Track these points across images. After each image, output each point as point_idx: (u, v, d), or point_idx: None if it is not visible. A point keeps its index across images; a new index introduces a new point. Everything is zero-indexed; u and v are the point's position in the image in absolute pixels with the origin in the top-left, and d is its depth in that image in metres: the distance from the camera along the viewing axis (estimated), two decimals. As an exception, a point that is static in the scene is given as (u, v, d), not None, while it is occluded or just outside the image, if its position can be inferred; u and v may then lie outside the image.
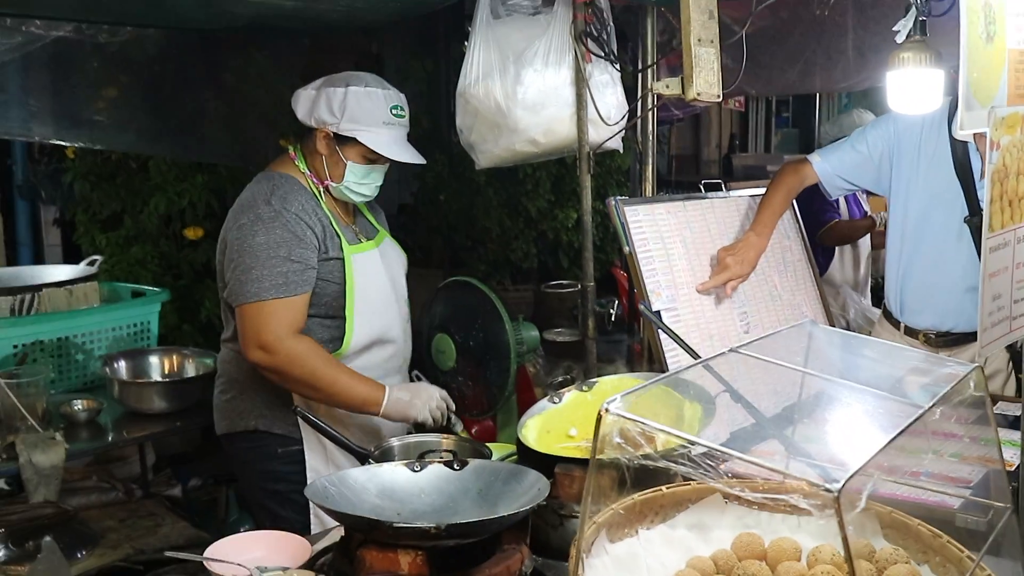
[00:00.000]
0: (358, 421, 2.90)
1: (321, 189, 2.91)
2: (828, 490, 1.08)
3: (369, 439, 2.80)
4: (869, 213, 5.52)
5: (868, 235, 5.56)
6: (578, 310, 5.78)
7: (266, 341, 2.70)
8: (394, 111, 2.88)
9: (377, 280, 2.96)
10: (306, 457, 2.88)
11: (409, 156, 2.93)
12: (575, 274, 6.10)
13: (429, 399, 2.79)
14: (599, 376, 2.77)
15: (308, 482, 2.69)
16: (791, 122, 12.40)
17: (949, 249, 3.30)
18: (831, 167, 3.41)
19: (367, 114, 2.82)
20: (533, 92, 2.97)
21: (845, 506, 1.08)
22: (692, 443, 1.32)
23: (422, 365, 3.25)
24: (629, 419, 1.27)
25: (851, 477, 1.10)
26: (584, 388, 2.52)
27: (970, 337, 3.23)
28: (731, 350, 1.66)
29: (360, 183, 2.90)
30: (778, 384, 1.74)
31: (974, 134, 3.13)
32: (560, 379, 2.98)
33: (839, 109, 10.47)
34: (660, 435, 1.42)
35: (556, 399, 2.49)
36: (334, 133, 2.84)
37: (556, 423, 2.42)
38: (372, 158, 2.86)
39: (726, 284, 3.17)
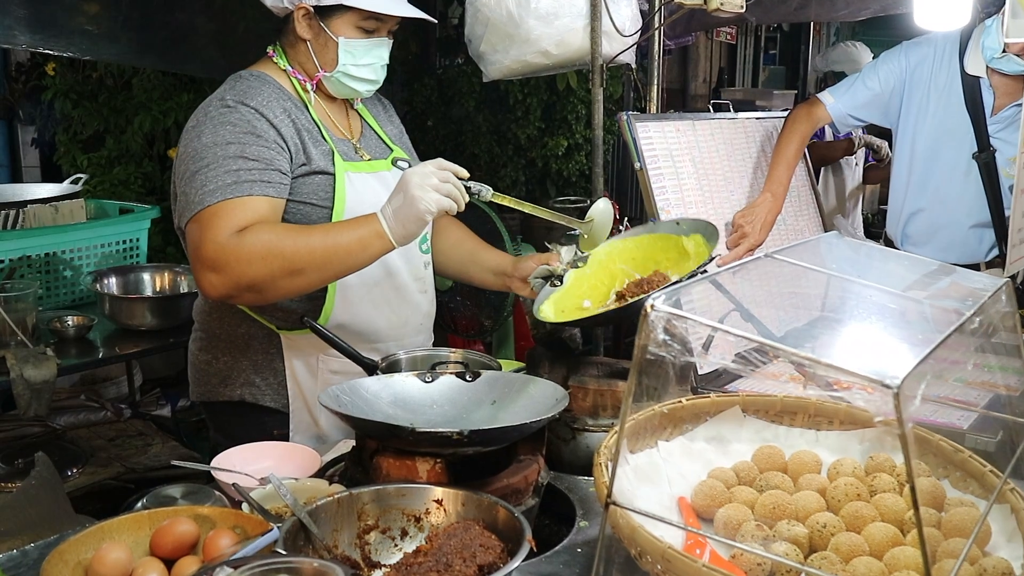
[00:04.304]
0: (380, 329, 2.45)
1: (311, 90, 2.40)
2: (887, 385, 1.05)
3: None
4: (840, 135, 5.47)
5: (860, 169, 5.53)
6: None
7: (207, 253, 2.11)
8: None
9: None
10: (290, 426, 2.47)
11: (415, 11, 2.37)
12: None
13: (423, 180, 2.09)
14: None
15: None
16: (778, 59, 12.34)
17: (956, 185, 3.29)
18: (844, 106, 3.36)
19: None
20: (547, 1, 2.88)
21: (904, 403, 1.04)
22: (748, 339, 1.27)
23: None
24: (677, 315, 1.23)
25: (911, 373, 1.07)
26: (579, 264, 2.43)
27: (970, 268, 3.23)
28: (766, 255, 1.62)
29: (360, 64, 2.35)
30: (811, 290, 1.71)
31: (987, 69, 3.13)
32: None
33: (827, 46, 10.41)
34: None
35: (556, 283, 2.41)
36: (314, 7, 2.29)
37: (566, 302, 2.37)
38: (369, 27, 2.33)
39: (746, 254, 3.07)
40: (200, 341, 2.53)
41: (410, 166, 2.17)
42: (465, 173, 2.15)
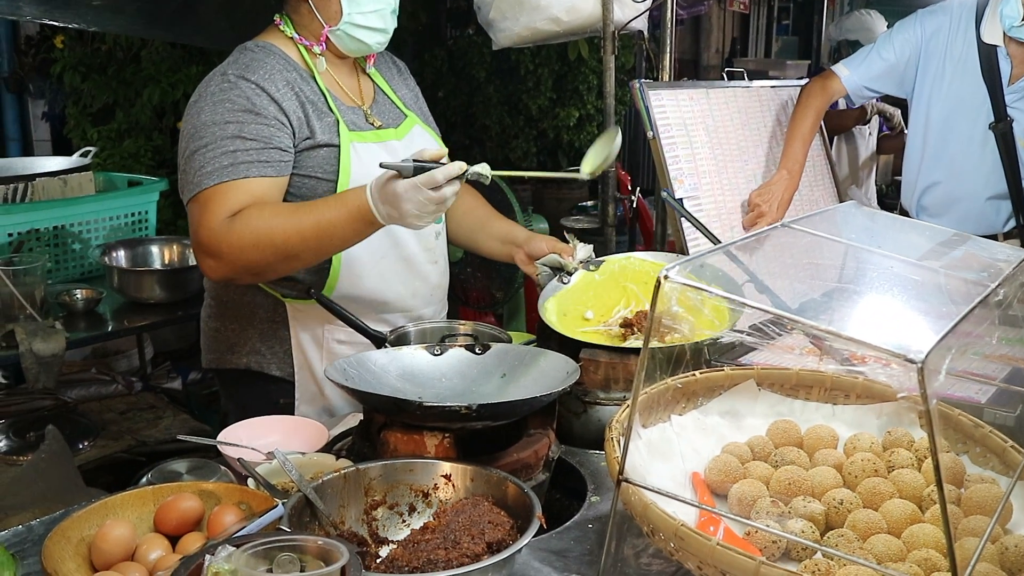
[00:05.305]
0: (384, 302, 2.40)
1: (317, 56, 2.32)
2: (911, 360, 1.01)
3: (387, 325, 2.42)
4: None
5: (874, 139, 5.45)
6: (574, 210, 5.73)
7: (203, 240, 2.10)
8: None
9: None
10: (296, 395, 2.43)
11: None
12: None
13: (421, 209, 1.98)
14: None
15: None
16: (791, 30, 12.22)
17: (973, 156, 3.23)
18: (859, 78, 3.31)
19: None
20: (557, -34, 2.84)
21: (928, 378, 1.00)
22: (764, 311, 1.23)
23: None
24: (691, 287, 1.19)
25: (935, 347, 1.03)
26: (591, 267, 2.41)
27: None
28: (782, 225, 1.58)
29: (365, 12, 2.28)
30: (828, 261, 1.66)
31: (1005, 37, 3.06)
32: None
33: (841, 15, 10.27)
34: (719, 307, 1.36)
35: (565, 279, 2.39)
36: None
37: (570, 306, 2.34)
38: None
39: None
40: (210, 308, 2.53)
41: (401, 174, 1.99)
42: (461, 169, 1.98)
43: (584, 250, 2.41)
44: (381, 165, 1.99)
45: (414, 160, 1.96)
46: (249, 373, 2.45)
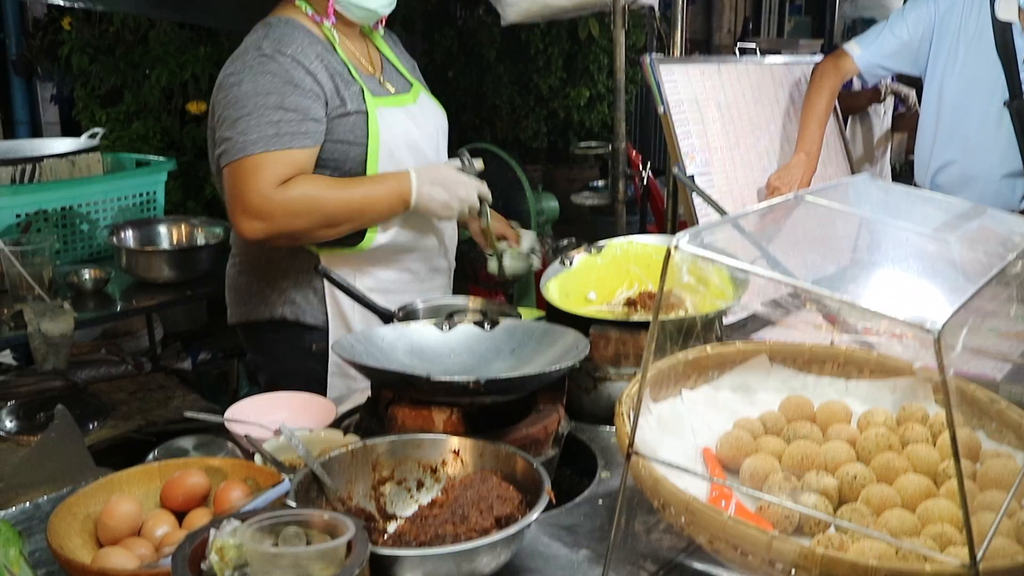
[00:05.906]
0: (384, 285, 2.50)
1: (333, 30, 2.39)
2: (927, 330, 0.98)
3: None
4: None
5: (888, 118, 5.40)
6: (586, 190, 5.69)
7: (252, 203, 2.22)
8: None
9: (411, 141, 2.43)
10: (329, 341, 2.47)
11: None
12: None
13: (467, 196, 2.37)
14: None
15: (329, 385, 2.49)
16: (803, 9, 12.12)
17: (988, 134, 3.19)
18: (871, 56, 3.27)
19: None
20: (567, -62, 2.80)
21: (945, 349, 0.98)
22: (779, 282, 1.21)
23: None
24: (702, 256, 1.16)
25: (951, 317, 1.00)
26: (593, 251, 2.43)
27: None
28: (796, 196, 1.55)
29: None
30: (842, 233, 1.64)
31: (1021, 13, 3.01)
32: (566, 242, 2.73)
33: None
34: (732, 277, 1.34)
35: (567, 262, 2.40)
36: None
37: (573, 287, 2.35)
38: None
39: None
40: (239, 265, 2.59)
41: (463, 162, 2.41)
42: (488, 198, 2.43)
43: (528, 237, 2.53)
44: (461, 154, 2.43)
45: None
46: (284, 323, 2.51)
